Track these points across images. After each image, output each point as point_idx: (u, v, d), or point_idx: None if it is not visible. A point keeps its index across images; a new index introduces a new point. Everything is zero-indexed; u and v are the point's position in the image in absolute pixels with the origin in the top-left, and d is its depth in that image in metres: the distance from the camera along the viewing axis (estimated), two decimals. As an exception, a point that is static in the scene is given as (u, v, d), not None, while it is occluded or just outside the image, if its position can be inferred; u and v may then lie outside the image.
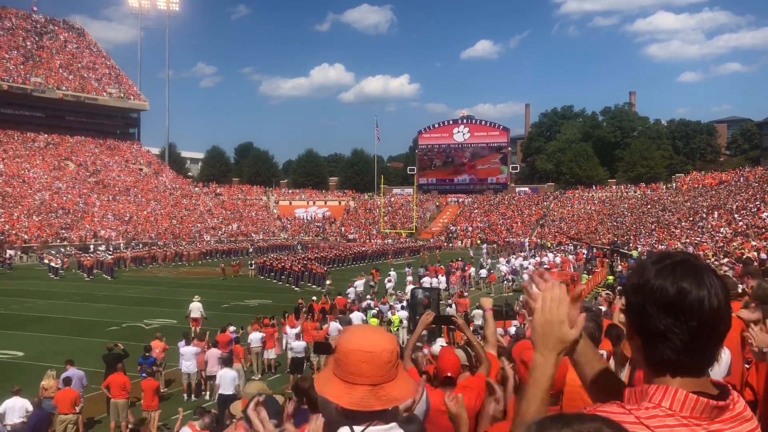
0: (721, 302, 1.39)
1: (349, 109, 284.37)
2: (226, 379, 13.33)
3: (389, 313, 21.80)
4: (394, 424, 1.91)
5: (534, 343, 1.63)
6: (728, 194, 54.98)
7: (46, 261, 44.52)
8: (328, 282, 33.25)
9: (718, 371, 4.00)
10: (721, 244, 35.39)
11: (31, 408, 11.63)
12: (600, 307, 12.97)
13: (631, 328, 1.50)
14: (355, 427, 1.86)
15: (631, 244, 45.87)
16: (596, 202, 78.01)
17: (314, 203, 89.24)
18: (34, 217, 60.80)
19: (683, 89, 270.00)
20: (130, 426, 12.30)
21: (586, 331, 1.74)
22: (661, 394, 1.41)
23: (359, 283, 30.19)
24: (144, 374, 14.51)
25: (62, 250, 51.06)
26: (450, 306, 23.15)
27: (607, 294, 18.00)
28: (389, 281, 32.13)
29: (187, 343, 15.96)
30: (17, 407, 11.56)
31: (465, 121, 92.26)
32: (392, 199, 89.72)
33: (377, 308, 22.73)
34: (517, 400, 1.72)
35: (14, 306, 28.33)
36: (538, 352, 1.61)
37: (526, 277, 35.13)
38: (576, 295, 1.62)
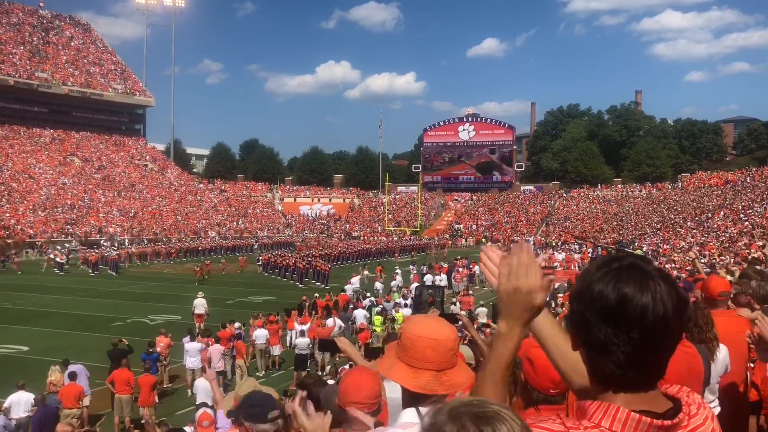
0: (668, 310, 1.27)
1: (354, 106, 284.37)
2: (200, 390, 12.56)
3: (393, 310, 21.80)
4: None
5: (500, 312, 1.56)
6: (734, 194, 54.87)
7: (51, 256, 44.67)
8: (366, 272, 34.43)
9: (714, 369, 3.98)
10: (727, 243, 35.29)
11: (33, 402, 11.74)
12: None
13: (574, 338, 1.41)
14: (421, 408, 1.96)
15: (636, 244, 45.80)
16: (602, 201, 77.91)
17: (319, 200, 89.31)
18: (40, 212, 61.01)
19: (690, 88, 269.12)
20: (141, 421, 12.33)
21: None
22: (601, 413, 1.31)
23: (355, 280, 30.31)
24: (152, 369, 14.59)
25: (66, 245, 51.21)
26: (454, 304, 23.14)
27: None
28: (394, 277, 32.17)
29: (192, 339, 15.98)
30: (22, 401, 11.62)
31: (470, 119, 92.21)
32: (397, 196, 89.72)
33: (381, 306, 22.73)
34: (479, 375, 1.67)
35: (19, 301, 28.44)
36: (502, 321, 1.54)
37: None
38: (539, 259, 1.55)
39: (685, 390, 1.42)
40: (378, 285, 30.58)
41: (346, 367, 9.99)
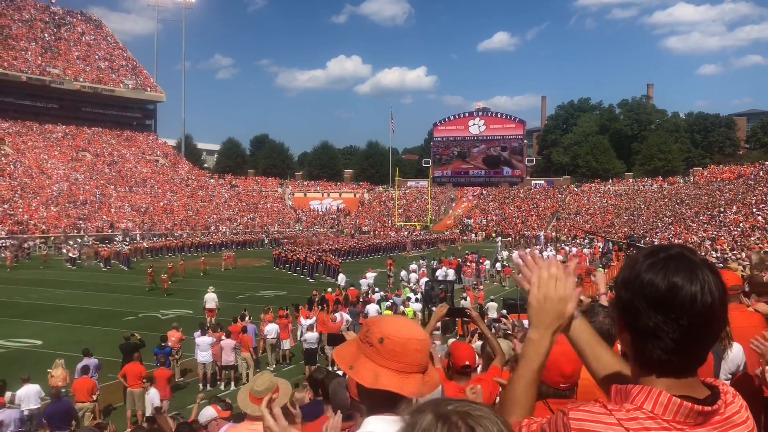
0: (716, 299, 1.33)
1: (364, 101, 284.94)
2: (152, 400, 11.96)
3: (402, 305, 21.81)
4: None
5: (530, 320, 1.61)
6: (747, 188, 54.36)
7: (64, 251, 45.01)
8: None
9: (723, 366, 3.95)
10: (739, 238, 35.03)
11: (43, 393, 11.97)
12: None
13: (621, 324, 1.45)
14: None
15: (647, 238, 45.55)
16: (612, 195, 77.48)
17: (329, 195, 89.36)
18: (52, 207, 61.43)
19: (702, 82, 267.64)
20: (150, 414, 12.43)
21: (597, 326, 1.72)
22: (644, 396, 1.35)
23: (371, 276, 30.25)
24: (159, 363, 14.66)
25: (79, 240, 51.54)
26: (465, 299, 23.13)
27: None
28: (413, 271, 32.30)
29: (203, 334, 16.08)
30: (32, 394, 11.78)
31: (481, 113, 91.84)
32: (407, 191, 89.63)
33: (391, 300, 22.75)
34: (511, 378, 1.72)
35: (33, 295, 28.66)
36: (533, 329, 1.59)
37: (515, 256, 35.16)
38: (571, 270, 1.61)
39: (719, 380, 1.46)
40: (363, 281, 29.23)
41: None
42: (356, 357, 1.90)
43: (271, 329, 17.57)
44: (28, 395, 11.75)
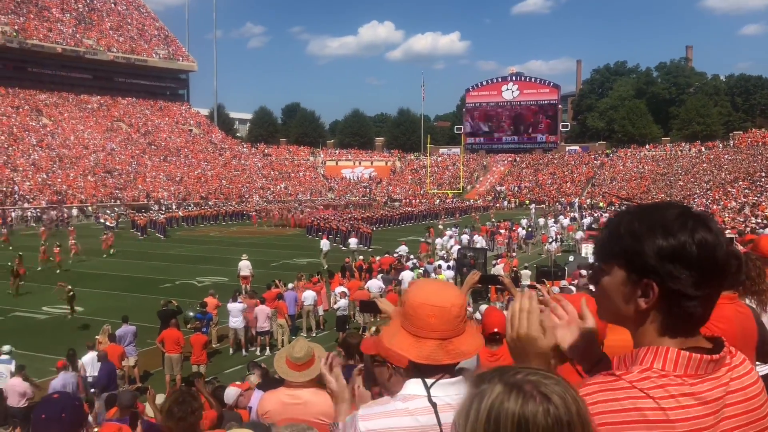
0: (726, 242, 1.34)
1: (396, 67, 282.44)
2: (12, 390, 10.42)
3: (434, 273, 21.83)
4: (461, 377, 1.90)
5: (513, 359, 1.54)
6: (790, 152, 52.90)
7: (101, 220, 45.94)
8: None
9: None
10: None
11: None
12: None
13: (648, 291, 1.40)
14: (427, 380, 1.86)
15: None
16: (649, 161, 76.05)
17: (360, 163, 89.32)
18: (89, 177, 62.60)
19: (745, 42, 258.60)
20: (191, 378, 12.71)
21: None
22: (652, 355, 1.34)
23: (353, 241, 32.02)
24: (204, 329, 15.02)
25: (116, 209, 52.52)
26: (495, 266, 23.05)
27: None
28: (455, 235, 32.97)
29: (234, 300, 16.33)
30: (95, 360, 12.14)
31: (514, 78, 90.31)
32: (439, 158, 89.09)
33: (423, 268, 22.79)
34: None
35: (73, 263, 29.35)
36: None
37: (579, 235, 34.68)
38: (545, 300, 1.56)
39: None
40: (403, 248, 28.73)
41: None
42: (397, 315, 1.97)
43: (308, 296, 17.77)
44: (93, 362, 12.10)
